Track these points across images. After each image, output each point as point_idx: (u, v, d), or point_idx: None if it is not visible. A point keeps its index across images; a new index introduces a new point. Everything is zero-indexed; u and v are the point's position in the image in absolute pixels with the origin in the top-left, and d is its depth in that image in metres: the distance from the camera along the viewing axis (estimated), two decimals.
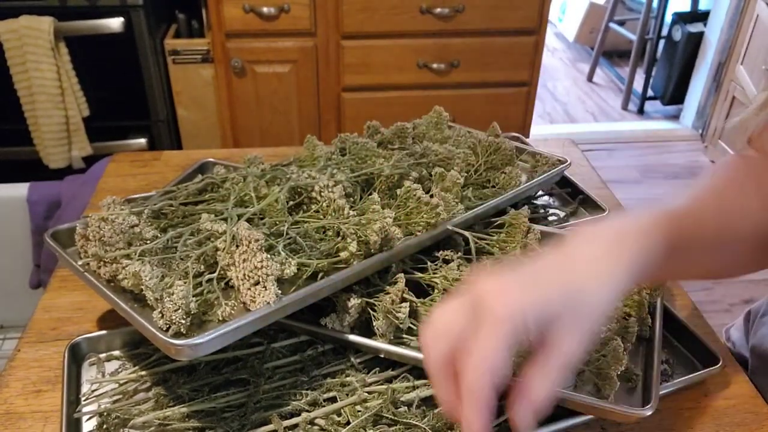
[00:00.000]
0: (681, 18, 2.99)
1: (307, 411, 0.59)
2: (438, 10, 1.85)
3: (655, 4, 3.09)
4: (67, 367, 0.64)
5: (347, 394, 0.61)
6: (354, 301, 0.63)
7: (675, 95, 3.12)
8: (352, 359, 0.65)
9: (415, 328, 0.65)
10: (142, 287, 0.56)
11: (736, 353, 0.81)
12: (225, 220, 0.63)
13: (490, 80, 1.99)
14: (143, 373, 0.64)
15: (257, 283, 0.57)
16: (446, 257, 0.70)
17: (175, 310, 0.54)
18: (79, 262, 0.64)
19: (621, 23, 3.41)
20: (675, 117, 3.19)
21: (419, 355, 0.61)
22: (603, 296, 0.43)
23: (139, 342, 0.68)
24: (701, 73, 2.95)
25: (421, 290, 0.68)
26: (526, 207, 0.76)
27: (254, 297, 0.56)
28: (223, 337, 0.54)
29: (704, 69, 2.92)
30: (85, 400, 0.62)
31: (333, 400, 0.61)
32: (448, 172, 0.75)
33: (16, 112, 1.71)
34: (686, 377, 0.67)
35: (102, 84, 1.82)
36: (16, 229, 1.32)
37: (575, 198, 0.93)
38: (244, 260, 0.57)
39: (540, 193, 0.95)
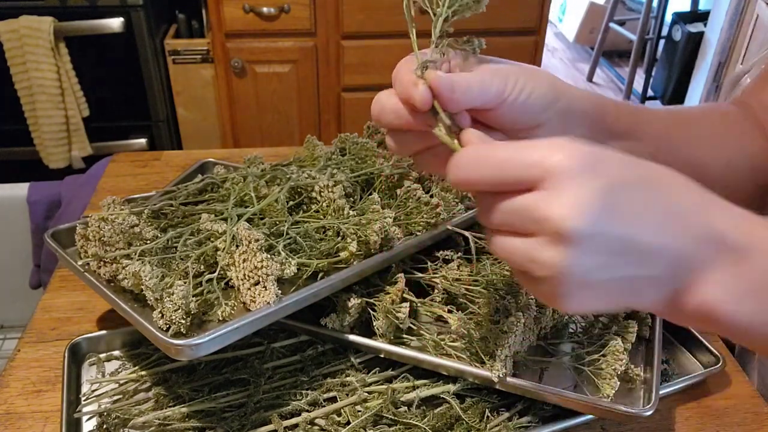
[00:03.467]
0: (681, 18, 2.99)
1: (307, 411, 0.59)
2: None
3: (655, 4, 3.09)
4: (67, 367, 0.64)
5: (347, 394, 0.61)
6: (354, 301, 0.63)
7: (675, 95, 3.12)
8: (352, 359, 0.65)
9: (415, 328, 0.65)
10: (142, 287, 0.56)
11: (736, 353, 0.81)
12: (225, 220, 0.63)
13: None
14: (143, 373, 0.64)
15: (257, 283, 0.57)
16: (446, 257, 0.70)
17: (175, 310, 0.54)
18: (79, 262, 0.64)
19: (621, 23, 3.41)
20: None
21: (419, 355, 0.61)
22: None
23: (139, 342, 0.68)
24: (701, 73, 2.95)
25: (421, 290, 0.68)
26: None
27: (254, 297, 0.56)
28: (223, 337, 0.54)
29: (704, 69, 2.92)
30: (85, 400, 0.62)
31: (333, 400, 0.61)
32: None
33: (16, 112, 1.71)
34: (686, 377, 0.67)
35: (102, 84, 1.82)
36: (16, 229, 1.32)
37: None
38: (244, 260, 0.57)
39: None
